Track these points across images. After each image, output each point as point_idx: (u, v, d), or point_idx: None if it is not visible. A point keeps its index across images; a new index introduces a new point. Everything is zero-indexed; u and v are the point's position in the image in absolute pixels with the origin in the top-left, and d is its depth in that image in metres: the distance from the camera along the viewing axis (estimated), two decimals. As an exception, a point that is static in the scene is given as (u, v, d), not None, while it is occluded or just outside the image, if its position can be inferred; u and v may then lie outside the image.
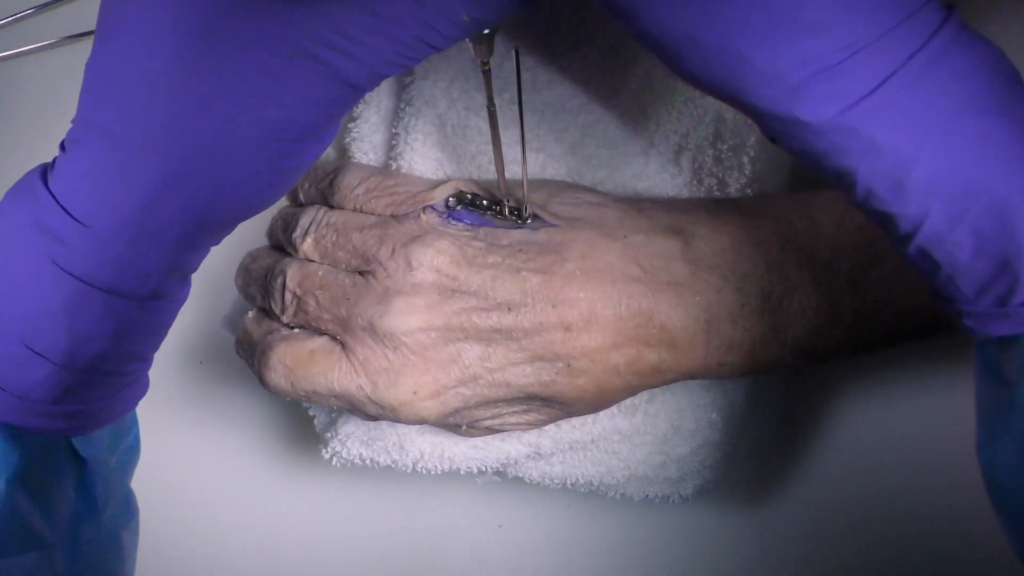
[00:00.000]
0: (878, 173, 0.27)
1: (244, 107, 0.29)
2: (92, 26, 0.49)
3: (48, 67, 0.50)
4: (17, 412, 0.31)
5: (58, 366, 0.31)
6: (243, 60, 0.29)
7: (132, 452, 0.37)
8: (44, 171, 0.31)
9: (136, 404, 0.36)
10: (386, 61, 0.29)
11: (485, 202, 0.37)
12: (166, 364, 0.35)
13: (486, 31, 0.31)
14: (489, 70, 0.34)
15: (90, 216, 0.30)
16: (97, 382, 0.32)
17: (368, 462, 0.42)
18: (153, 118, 0.29)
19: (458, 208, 0.37)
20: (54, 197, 0.30)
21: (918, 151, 0.27)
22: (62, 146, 0.31)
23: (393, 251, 0.36)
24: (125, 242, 0.30)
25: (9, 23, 0.50)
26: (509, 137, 0.37)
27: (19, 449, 0.31)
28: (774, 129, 0.28)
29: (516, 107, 0.36)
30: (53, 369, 0.31)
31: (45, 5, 0.50)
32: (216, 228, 0.32)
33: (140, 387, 0.35)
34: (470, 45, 0.32)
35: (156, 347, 0.34)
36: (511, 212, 0.37)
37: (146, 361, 0.34)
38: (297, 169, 0.31)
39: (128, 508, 0.37)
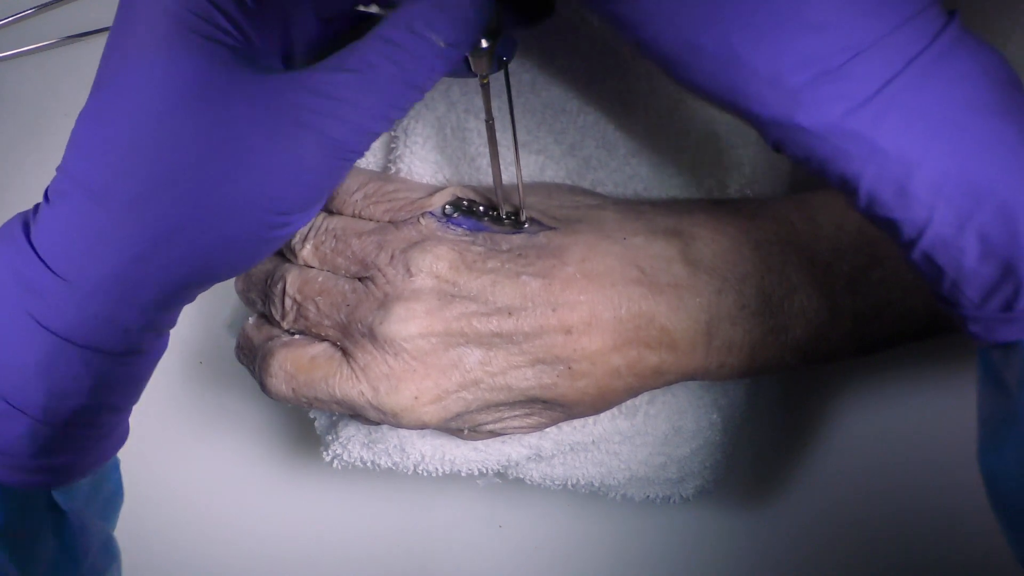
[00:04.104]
0: (881, 178, 0.27)
1: (235, 173, 0.29)
2: (92, 26, 0.50)
3: (48, 67, 0.50)
4: None
5: (37, 421, 0.31)
6: (238, 130, 0.28)
7: (114, 498, 0.37)
8: (25, 220, 0.30)
9: (115, 452, 0.35)
10: (374, 115, 0.29)
11: (482, 208, 0.37)
12: (166, 364, 0.34)
13: (484, 46, 0.31)
14: (487, 84, 0.34)
15: (70, 271, 0.29)
16: (75, 435, 0.32)
17: (369, 464, 0.42)
18: (142, 179, 0.29)
19: (455, 215, 0.37)
20: (35, 250, 0.30)
21: (922, 155, 0.26)
22: (46, 196, 0.30)
23: (392, 257, 0.36)
24: (105, 299, 0.30)
25: (9, 23, 0.50)
26: (507, 144, 0.37)
27: (0, 506, 0.31)
28: (776, 136, 0.28)
29: (516, 113, 0.36)
30: (32, 424, 0.30)
31: (45, 5, 0.50)
32: (197, 288, 0.31)
33: (120, 435, 0.35)
34: (470, 59, 0.32)
35: (135, 400, 0.34)
36: (508, 217, 0.37)
37: (124, 413, 0.34)
38: (283, 238, 0.31)
39: (109, 553, 0.37)
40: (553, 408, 0.37)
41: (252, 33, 0.30)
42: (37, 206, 0.31)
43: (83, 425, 0.32)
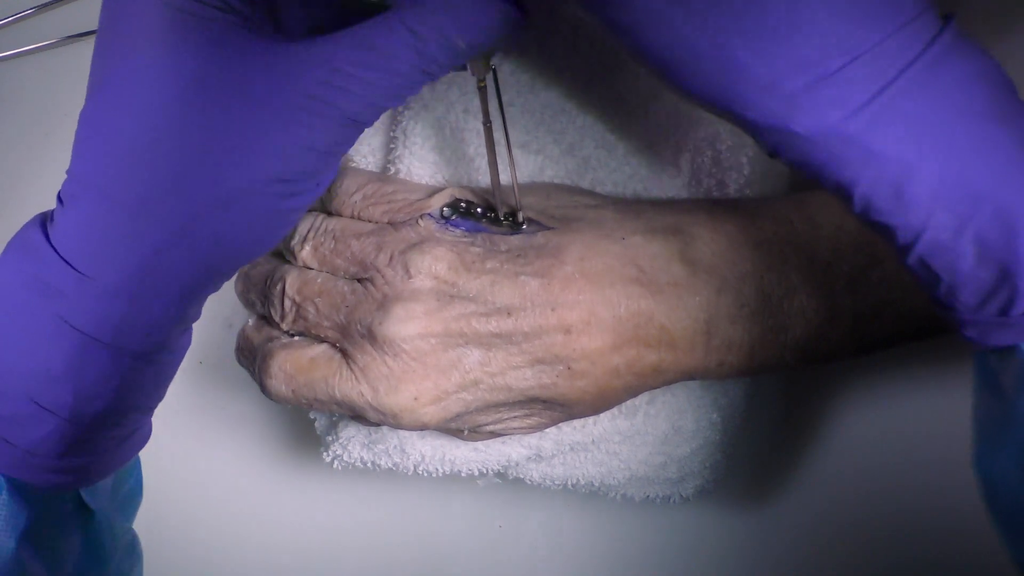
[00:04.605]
0: (877, 183, 0.27)
1: (246, 157, 0.29)
2: (92, 26, 0.50)
3: (48, 67, 0.50)
4: (26, 468, 0.31)
5: (65, 421, 0.31)
6: (243, 109, 0.28)
7: (134, 495, 0.37)
8: (43, 223, 0.31)
9: (138, 452, 0.35)
10: (386, 94, 0.29)
11: (480, 209, 0.37)
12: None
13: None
14: (484, 87, 0.34)
15: (94, 269, 0.29)
16: (101, 436, 0.32)
17: (369, 465, 0.42)
18: (152, 173, 0.29)
19: (454, 217, 0.37)
20: (56, 251, 0.30)
21: (918, 160, 0.26)
22: (59, 199, 0.30)
23: (391, 258, 0.36)
24: (130, 295, 0.30)
25: (9, 23, 0.50)
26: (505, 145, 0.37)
27: (28, 506, 0.31)
28: (772, 142, 0.28)
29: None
30: (60, 424, 0.31)
31: (45, 5, 0.50)
32: (219, 276, 0.32)
33: (143, 435, 0.35)
34: (468, 62, 0.32)
35: (160, 399, 0.34)
36: (506, 218, 0.37)
37: (148, 413, 0.34)
38: (299, 211, 0.31)
39: (133, 553, 0.37)
40: (553, 408, 0.37)
41: (244, 8, 0.30)
42: (53, 211, 0.31)
43: (109, 425, 0.32)
